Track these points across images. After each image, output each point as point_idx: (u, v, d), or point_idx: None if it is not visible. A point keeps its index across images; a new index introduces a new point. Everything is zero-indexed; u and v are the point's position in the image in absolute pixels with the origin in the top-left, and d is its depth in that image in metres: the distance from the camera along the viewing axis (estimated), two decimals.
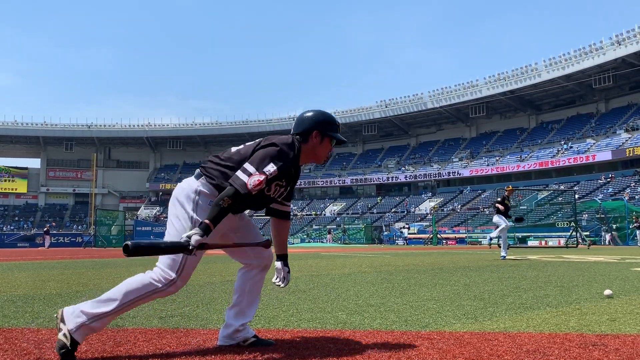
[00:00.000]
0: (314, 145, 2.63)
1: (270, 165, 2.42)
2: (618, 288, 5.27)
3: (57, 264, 10.84)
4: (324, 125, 2.65)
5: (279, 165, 2.43)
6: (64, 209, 75.33)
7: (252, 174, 2.38)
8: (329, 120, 2.68)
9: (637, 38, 46.20)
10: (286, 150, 2.49)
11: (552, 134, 57.89)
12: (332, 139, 2.66)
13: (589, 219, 37.26)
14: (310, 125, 2.63)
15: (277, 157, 2.45)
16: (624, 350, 2.48)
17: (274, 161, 2.43)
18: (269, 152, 2.46)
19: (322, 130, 2.63)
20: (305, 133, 2.62)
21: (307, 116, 2.67)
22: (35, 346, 2.60)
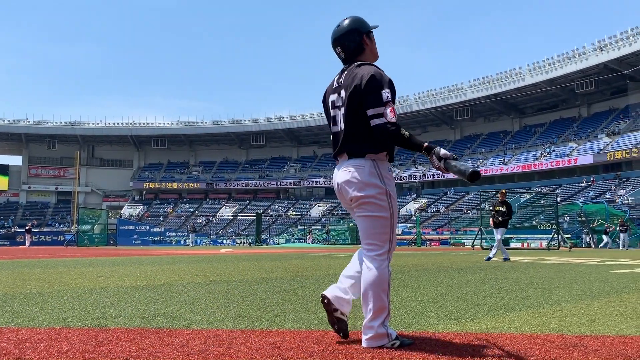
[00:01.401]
0: (370, 48, 2.73)
1: (385, 92, 2.51)
2: (598, 290, 5.35)
3: (38, 263, 10.70)
4: (362, 25, 2.72)
5: (389, 85, 2.54)
6: (46, 207, 74.39)
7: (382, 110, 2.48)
8: (360, 19, 2.74)
9: (618, 44, 46.94)
10: (384, 75, 2.58)
11: (535, 137, 58.57)
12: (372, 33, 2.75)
13: (570, 222, 37.74)
14: (356, 35, 2.70)
15: (382, 81, 2.54)
16: (603, 351, 2.52)
17: (384, 88, 2.52)
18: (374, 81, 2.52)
19: (366, 32, 2.71)
20: (359, 45, 2.69)
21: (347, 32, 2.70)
22: (15, 346, 2.57)
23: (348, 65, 2.72)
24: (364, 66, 2.61)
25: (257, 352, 2.46)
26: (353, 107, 2.58)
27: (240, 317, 3.52)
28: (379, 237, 2.59)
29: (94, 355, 2.39)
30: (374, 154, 2.61)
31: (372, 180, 2.57)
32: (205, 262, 11.38)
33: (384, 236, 2.59)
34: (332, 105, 2.73)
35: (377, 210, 2.57)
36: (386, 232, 2.59)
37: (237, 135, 74.47)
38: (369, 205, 2.57)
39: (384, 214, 2.58)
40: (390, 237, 2.60)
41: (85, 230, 36.06)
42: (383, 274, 2.54)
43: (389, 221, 2.59)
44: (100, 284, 5.95)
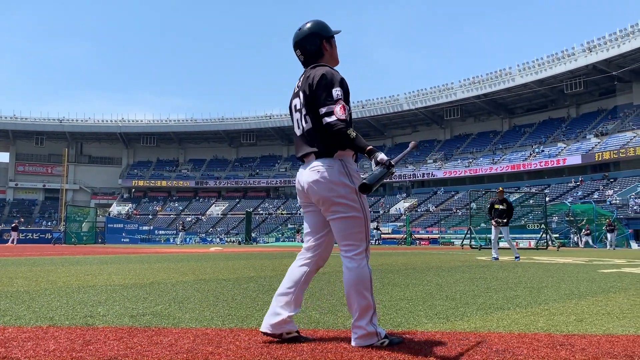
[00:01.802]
0: (330, 53, 2.76)
1: (335, 91, 2.54)
2: (585, 289, 5.39)
3: (25, 261, 10.60)
4: (324, 29, 2.74)
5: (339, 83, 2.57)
6: (34, 204, 73.72)
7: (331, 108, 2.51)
8: (322, 23, 2.76)
9: (607, 45, 47.35)
10: (335, 72, 2.62)
11: (525, 137, 58.95)
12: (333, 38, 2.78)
13: (558, 222, 38.05)
14: (315, 39, 2.73)
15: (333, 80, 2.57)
16: (590, 350, 2.54)
17: (335, 86, 2.55)
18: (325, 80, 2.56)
19: (326, 37, 2.74)
20: (319, 49, 2.73)
21: (308, 35, 2.73)
22: (1, 345, 2.54)
23: (306, 68, 2.76)
24: (317, 67, 2.66)
25: (247, 350, 2.46)
26: (312, 109, 2.60)
27: (230, 315, 3.51)
28: (355, 237, 2.58)
29: (81, 354, 2.37)
30: (342, 152, 2.62)
31: (341, 179, 2.56)
32: (194, 260, 11.34)
33: (360, 235, 2.59)
34: (295, 109, 2.75)
35: (350, 211, 2.56)
36: (361, 231, 2.59)
37: (227, 133, 74.23)
38: (340, 206, 2.56)
39: (357, 214, 2.58)
40: (365, 235, 2.62)
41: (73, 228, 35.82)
42: (363, 273, 2.55)
43: (362, 220, 2.59)
44: (88, 282, 5.90)
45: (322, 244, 2.75)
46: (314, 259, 2.74)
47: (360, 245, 2.59)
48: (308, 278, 2.73)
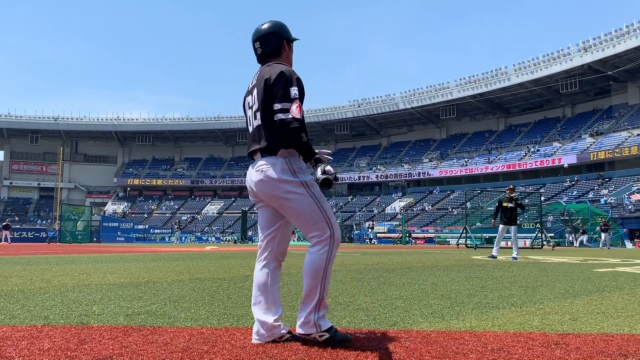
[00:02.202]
0: (287, 54, 2.75)
1: (293, 90, 2.53)
2: (580, 288, 5.41)
3: (20, 260, 10.56)
4: (286, 31, 2.75)
5: (296, 82, 2.56)
6: (28, 203, 73.47)
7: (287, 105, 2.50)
8: (285, 26, 2.76)
9: (602, 45, 47.52)
10: (292, 70, 2.61)
11: (520, 137, 59.11)
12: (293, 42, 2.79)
13: (554, 221, 38.17)
14: (278, 38, 2.73)
15: (290, 79, 2.56)
16: (584, 349, 2.55)
17: (291, 85, 2.54)
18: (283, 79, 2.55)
19: (287, 38, 2.74)
20: (279, 47, 2.72)
21: (271, 32, 2.72)
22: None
23: (261, 65, 2.76)
24: (274, 64, 2.65)
25: (242, 350, 2.45)
26: (264, 105, 2.58)
27: (225, 315, 3.51)
28: (315, 226, 2.55)
29: (76, 353, 2.36)
30: (286, 151, 2.59)
31: (284, 176, 2.55)
32: (189, 259, 11.32)
33: (320, 223, 2.55)
34: (248, 106, 2.74)
35: (301, 203, 2.54)
36: (320, 219, 2.55)
37: (222, 132, 74.13)
38: (290, 201, 2.55)
39: (309, 204, 2.54)
40: (327, 222, 2.57)
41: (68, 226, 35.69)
42: (318, 260, 2.53)
43: (316, 206, 2.55)
44: (83, 281, 5.89)
45: (276, 237, 2.73)
46: (270, 257, 2.71)
47: (322, 233, 2.55)
48: (275, 277, 2.70)
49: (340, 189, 69.19)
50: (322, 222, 2.55)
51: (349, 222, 55.56)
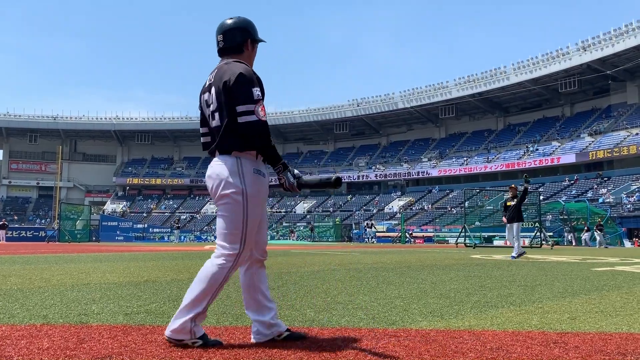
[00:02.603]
0: (249, 54, 2.69)
1: (255, 90, 2.50)
2: (579, 287, 5.42)
3: (19, 259, 10.56)
4: (253, 30, 2.69)
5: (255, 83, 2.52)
6: (27, 202, 73.38)
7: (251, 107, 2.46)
8: (252, 24, 2.70)
9: (601, 45, 47.53)
10: (252, 71, 2.57)
11: (519, 136, 59.13)
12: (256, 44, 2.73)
13: (552, 220, 38.19)
14: (242, 35, 2.66)
15: (251, 80, 2.52)
16: (583, 348, 2.56)
17: (253, 86, 2.50)
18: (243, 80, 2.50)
19: (252, 37, 2.68)
20: (241, 45, 2.66)
21: (236, 27, 2.66)
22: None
23: (220, 61, 2.70)
24: (233, 63, 2.58)
25: (241, 348, 2.46)
26: (225, 107, 2.53)
27: (224, 313, 3.51)
28: (229, 239, 2.50)
29: (75, 352, 2.36)
30: (239, 152, 2.54)
31: (230, 178, 2.50)
32: (189, 258, 11.32)
33: (234, 238, 2.49)
34: (206, 104, 2.68)
35: (231, 211, 2.49)
36: (237, 234, 2.49)
37: None
38: (224, 205, 2.51)
39: (237, 216, 2.49)
40: (242, 240, 2.50)
41: (67, 226, 35.65)
42: (219, 273, 2.48)
43: (241, 224, 2.49)
44: (82, 280, 5.88)
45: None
46: (251, 258, 2.66)
47: (234, 248, 2.50)
48: (260, 276, 2.65)
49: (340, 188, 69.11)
50: (236, 237, 2.49)
51: (348, 221, 55.58)
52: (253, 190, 2.51)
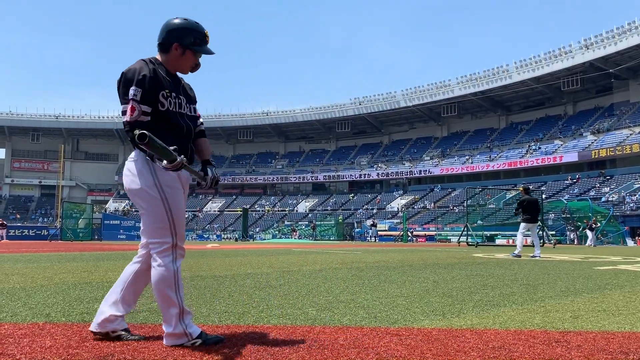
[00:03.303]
0: (176, 57, 2.62)
1: (130, 90, 2.45)
2: (581, 286, 5.41)
3: (22, 257, 10.58)
4: (184, 36, 2.60)
5: (136, 81, 2.45)
6: (30, 201, 73.57)
7: (124, 108, 2.45)
8: (189, 30, 2.61)
9: (604, 43, 47.43)
10: (137, 69, 2.49)
11: (521, 134, 59.05)
12: (195, 52, 2.63)
13: (555, 219, 38.14)
14: (169, 37, 2.60)
15: (129, 77, 2.47)
16: (585, 347, 2.55)
17: (130, 85, 2.46)
18: (123, 81, 2.49)
19: (182, 43, 2.59)
20: (165, 45, 2.61)
21: (166, 26, 2.61)
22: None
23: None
24: (138, 60, 2.59)
25: (243, 347, 2.46)
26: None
27: (226, 312, 3.51)
28: (157, 233, 2.48)
29: (77, 350, 2.37)
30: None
31: (141, 173, 2.49)
32: (191, 257, 11.32)
33: (163, 231, 2.48)
34: None
35: (149, 204, 2.48)
36: (164, 227, 2.48)
37: (224, 130, 74.12)
38: (140, 200, 2.50)
39: (157, 207, 2.47)
40: (171, 230, 2.49)
41: (69, 224, 35.72)
42: (166, 272, 2.45)
43: (164, 213, 2.47)
44: (84, 279, 5.89)
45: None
46: (145, 257, 2.64)
47: (165, 241, 2.48)
48: (137, 277, 2.63)
49: (342, 186, 69.20)
50: (165, 230, 2.47)
51: (350, 220, 55.57)
52: (166, 180, 2.50)
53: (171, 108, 2.56)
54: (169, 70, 2.63)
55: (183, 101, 2.65)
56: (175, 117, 2.58)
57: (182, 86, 2.73)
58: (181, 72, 2.70)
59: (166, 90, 2.54)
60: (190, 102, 2.73)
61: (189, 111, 2.69)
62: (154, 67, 2.55)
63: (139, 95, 2.44)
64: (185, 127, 2.62)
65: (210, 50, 2.69)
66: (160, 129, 2.49)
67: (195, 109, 2.77)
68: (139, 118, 2.43)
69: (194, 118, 2.73)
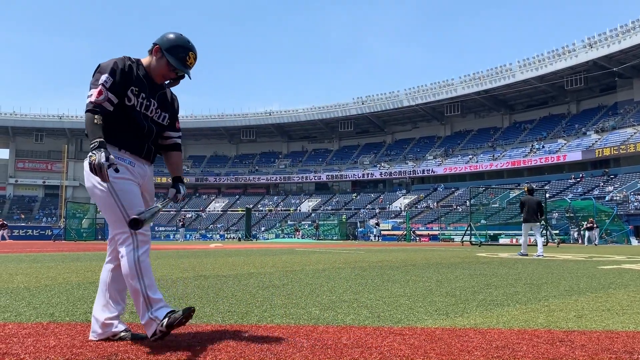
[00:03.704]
0: (154, 60, 2.70)
1: (102, 76, 2.52)
2: (585, 286, 5.40)
3: (26, 257, 10.61)
4: (166, 43, 2.68)
5: (109, 71, 2.53)
6: (33, 201, 73.75)
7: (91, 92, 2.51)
8: (177, 44, 2.68)
9: (608, 41, 47.26)
10: (113, 61, 2.60)
11: (525, 133, 58.91)
12: (169, 62, 2.66)
13: (558, 218, 38.04)
14: (157, 40, 2.71)
15: (104, 68, 2.56)
16: (589, 347, 2.55)
17: (103, 73, 2.54)
18: (98, 69, 2.57)
19: (162, 47, 2.67)
20: (152, 47, 2.71)
21: (162, 34, 2.74)
22: (1, 341, 2.54)
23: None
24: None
25: (246, 347, 2.46)
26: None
27: (230, 312, 3.51)
28: (115, 226, 2.53)
29: (81, 350, 2.37)
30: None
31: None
32: (194, 256, 11.34)
33: (119, 222, 2.51)
34: None
35: (101, 200, 2.53)
36: (118, 218, 2.51)
37: (226, 129, 74.18)
38: (94, 197, 2.56)
39: (108, 200, 2.51)
40: (124, 219, 2.49)
41: (73, 224, 35.78)
42: (127, 261, 2.48)
43: (115, 205, 2.51)
44: (88, 278, 5.91)
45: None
46: (114, 254, 2.66)
47: (123, 232, 2.51)
48: (114, 275, 2.64)
49: (344, 186, 69.18)
50: (120, 221, 2.51)
51: (353, 219, 55.55)
52: (114, 174, 2.47)
53: (137, 106, 2.63)
54: (150, 75, 2.71)
55: (153, 105, 2.71)
56: (138, 115, 2.64)
57: (162, 94, 2.78)
58: (155, 79, 2.72)
59: (136, 88, 2.61)
60: (162, 110, 2.77)
61: (156, 117, 2.74)
62: (131, 64, 2.64)
63: (109, 83, 2.52)
64: (146, 127, 2.67)
65: (186, 71, 2.73)
66: (121, 121, 2.58)
67: (166, 118, 2.80)
68: (104, 103, 2.49)
69: (159, 125, 2.77)
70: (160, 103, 2.76)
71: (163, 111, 2.78)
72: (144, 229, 2.54)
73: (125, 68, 2.59)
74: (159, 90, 2.76)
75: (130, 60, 2.67)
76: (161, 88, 2.78)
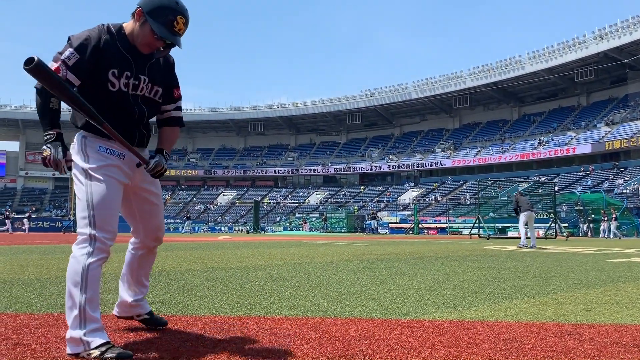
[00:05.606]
0: (137, 26, 2.29)
1: (67, 50, 2.20)
2: (594, 279, 5.37)
3: (36, 249, 10.71)
4: (149, 4, 2.26)
5: (76, 45, 2.20)
6: (44, 193, 74.33)
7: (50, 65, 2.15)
8: (159, 1, 2.26)
9: (619, 33, 46.71)
10: (85, 34, 2.25)
11: (534, 126, 58.50)
12: (152, 29, 2.25)
13: (567, 211, 37.82)
14: (140, 1, 2.29)
15: (73, 41, 2.23)
16: (598, 340, 2.54)
17: (71, 47, 2.21)
18: (68, 41, 2.25)
19: (144, 9, 2.26)
20: (135, 10, 2.30)
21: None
22: (13, 331, 2.57)
23: None
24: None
25: (255, 338, 2.47)
26: None
27: (238, 303, 3.53)
28: (80, 222, 2.26)
29: None
30: (79, 129, 2.35)
31: (76, 157, 2.30)
32: (203, 249, 11.39)
33: (83, 221, 2.23)
34: None
35: (78, 191, 2.28)
36: (84, 217, 2.23)
37: (235, 122, 74.25)
38: (75, 185, 2.31)
39: (81, 194, 2.26)
40: (89, 221, 2.22)
41: None
42: (76, 264, 2.17)
43: (85, 199, 2.23)
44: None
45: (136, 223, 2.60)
46: (140, 243, 2.64)
47: (84, 231, 2.22)
48: (142, 261, 2.65)
49: (352, 179, 69.12)
50: (84, 220, 2.22)
51: (361, 212, 55.53)
52: (95, 166, 2.27)
53: (124, 89, 2.31)
54: (134, 43, 2.33)
55: (143, 82, 2.36)
56: (126, 100, 2.33)
57: (152, 64, 2.41)
58: (140, 49, 2.33)
59: (118, 68, 2.28)
60: (155, 84, 2.42)
61: (148, 93, 2.40)
62: (109, 37, 2.28)
63: (73, 60, 2.19)
64: (137, 112, 2.38)
65: (174, 39, 2.30)
66: (107, 108, 2.28)
67: (159, 93, 2.46)
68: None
69: (153, 103, 2.45)
70: (152, 76, 2.40)
71: (156, 85, 2.42)
72: (109, 239, 2.28)
73: (101, 43, 2.23)
74: (148, 62, 2.38)
75: (108, 31, 2.29)
76: (151, 58, 2.39)
